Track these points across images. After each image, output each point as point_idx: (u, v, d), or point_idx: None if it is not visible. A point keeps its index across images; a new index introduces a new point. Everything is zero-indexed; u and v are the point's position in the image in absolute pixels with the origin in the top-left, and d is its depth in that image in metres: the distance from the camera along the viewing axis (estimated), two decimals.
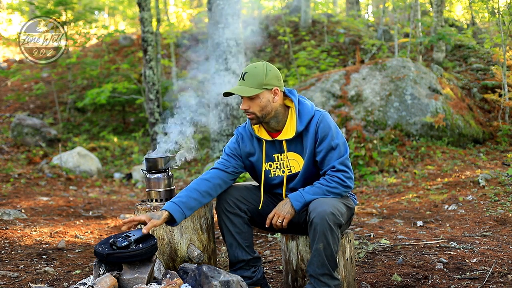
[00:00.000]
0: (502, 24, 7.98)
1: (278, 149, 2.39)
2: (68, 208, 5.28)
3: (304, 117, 2.32)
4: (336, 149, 2.29)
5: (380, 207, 5.15)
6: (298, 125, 2.31)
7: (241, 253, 2.42)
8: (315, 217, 2.16)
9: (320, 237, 2.15)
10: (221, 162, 2.45)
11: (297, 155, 2.37)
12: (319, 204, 2.18)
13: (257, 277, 2.47)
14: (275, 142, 2.38)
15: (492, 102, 8.36)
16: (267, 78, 2.27)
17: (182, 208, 2.25)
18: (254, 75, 2.27)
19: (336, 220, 2.16)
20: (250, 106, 2.29)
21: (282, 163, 2.40)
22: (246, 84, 2.27)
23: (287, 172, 2.40)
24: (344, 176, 2.28)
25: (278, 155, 2.40)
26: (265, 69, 2.28)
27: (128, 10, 18.73)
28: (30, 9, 15.31)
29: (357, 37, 12.24)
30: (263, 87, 2.26)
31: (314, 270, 2.21)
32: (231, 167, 2.44)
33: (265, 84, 2.26)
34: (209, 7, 8.09)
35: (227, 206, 2.39)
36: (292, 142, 2.36)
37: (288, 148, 2.37)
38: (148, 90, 9.15)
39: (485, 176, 5.39)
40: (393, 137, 7.13)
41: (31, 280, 2.75)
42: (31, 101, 12.06)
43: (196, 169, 8.05)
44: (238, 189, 2.44)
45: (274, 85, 2.29)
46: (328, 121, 2.31)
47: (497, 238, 3.50)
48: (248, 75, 2.27)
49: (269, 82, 2.27)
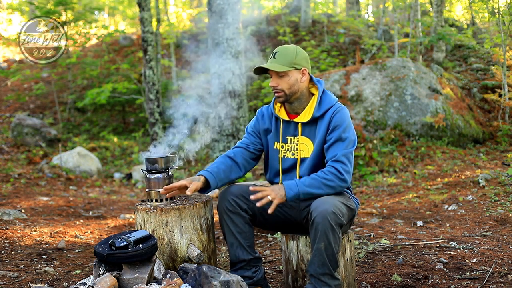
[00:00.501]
0: (502, 24, 7.98)
1: (293, 132, 2.47)
2: (68, 208, 5.28)
3: (323, 105, 2.40)
4: (344, 141, 2.34)
5: (380, 207, 5.15)
6: (316, 110, 2.39)
7: (242, 253, 2.42)
8: (316, 216, 2.16)
9: (321, 236, 2.16)
10: (243, 141, 2.58)
11: (308, 140, 2.44)
12: (320, 204, 2.19)
13: (257, 277, 2.47)
14: (291, 123, 2.47)
15: (492, 102, 8.36)
16: (297, 58, 2.36)
17: (215, 176, 2.40)
18: (285, 54, 2.36)
19: (337, 219, 2.16)
20: (278, 84, 2.38)
21: (294, 145, 2.46)
22: (277, 62, 2.36)
23: (297, 156, 2.45)
24: (343, 168, 2.30)
25: (292, 137, 2.47)
26: (296, 50, 2.39)
27: (128, 10, 18.74)
28: (30, 9, 15.31)
29: (357, 37, 12.24)
30: (292, 65, 2.35)
31: (315, 269, 2.21)
32: (252, 145, 2.56)
33: (294, 63, 2.36)
34: (209, 7, 8.09)
35: (228, 205, 2.39)
36: (307, 126, 2.44)
37: (302, 132, 2.44)
38: (148, 90, 9.15)
39: (485, 176, 5.39)
40: (393, 137, 7.13)
41: (31, 280, 2.75)
42: (31, 101, 12.06)
43: (196, 169, 8.05)
44: (239, 188, 2.45)
45: (303, 65, 2.39)
46: (344, 114, 2.38)
47: (497, 238, 3.50)
48: (279, 54, 2.37)
49: (298, 62, 2.37)
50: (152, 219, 2.41)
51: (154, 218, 2.41)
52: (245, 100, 8.42)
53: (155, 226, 2.41)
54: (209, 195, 2.66)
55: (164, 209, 2.40)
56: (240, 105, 8.18)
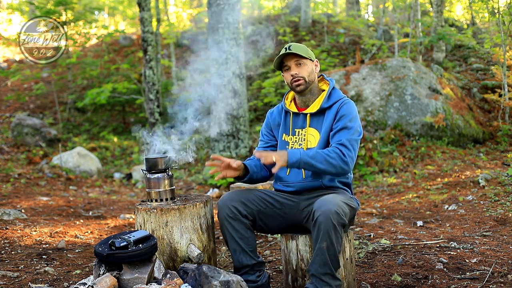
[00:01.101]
0: (502, 24, 7.98)
1: (301, 124, 2.55)
2: (68, 208, 5.28)
3: (332, 98, 2.51)
4: (349, 130, 2.40)
5: (380, 207, 5.15)
6: (325, 102, 2.50)
7: (245, 258, 2.43)
8: (320, 215, 2.16)
9: (324, 235, 2.16)
10: (260, 146, 2.70)
11: (316, 131, 2.51)
12: (324, 203, 2.19)
13: (262, 281, 2.46)
14: (300, 115, 2.56)
15: (492, 102, 8.36)
16: (309, 51, 2.54)
17: (251, 167, 2.53)
18: (300, 47, 2.51)
19: (340, 219, 2.17)
20: (299, 72, 2.49)
21: (301, 137, 2.53)
22: (295, 51, 2.46)
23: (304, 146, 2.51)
24: (346, 152, 2.36)
25: (300, 130, 2.55)
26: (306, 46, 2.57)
27: (128, 10, 18.74)
28: (30, 9, 15.31)
29: (357, 37, 12.23)
30: (309, 55, 2.51)
31: (316, 269, 2.21)
32: (268, 143, 2.67)
33: (309, 54, 2.52)
34: (209, 7, 8.09)
35: (228, 212, 2.39)
36: (315, 118, 2.52)
37: (311, 123, 2.52)
38: (148, 90, 9.15)
39: (485, 176, 5.39)
40: (393, 137, 7.13)
41: (31, 280, 2.75)
42: (31, 101, 12.06)
43: (196, 169, 8.05)
44: (238, 194, 2.46)
45: (315, 58, 2.58)
46: (351, 106, 2.47)
47: (497, 238, 3.50)
48: (294, 46, 2.49)
49: (311, 55, 2.54)
50: (152, 219, 2.42)
51: (154, 218, 2.41)
52: (245, 100, 8.42)
53: (155, 226, 2.41)
54: (208, 195, 2.66)
55: (164, 209, 2.40)
56: (240, 105, 8.18)
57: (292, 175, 2.53)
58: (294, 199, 2.49)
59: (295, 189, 2.50)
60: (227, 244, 2.46)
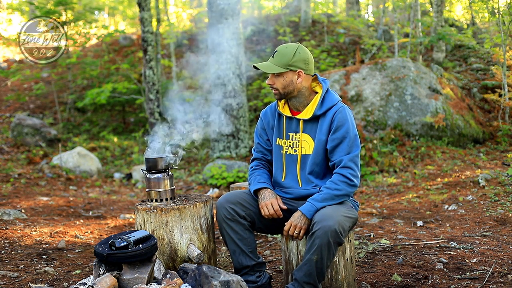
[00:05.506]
0: (502, 24, 7.97)
1: (294, 128, 2.49)
2: (68, 208, 5.28)
3: (325, 104, 2.42)
4: (347, 141, 2.36)
5: (380, 207, 5.15)
6: (318, 109, 2.41)
7: (245, 259, 2.43)
8: (318, 229, 2.17)
9: (317, 249, 2.17)
10: (256, 151, 2.65)
11: (309, 137, 2.46)
12: (325, 217, 2.19)
13: (262, 282, 2.46)
14: (293, 120, 2.49)
15: (492, 102, 8.36)
16: (293, 59, 2.37)
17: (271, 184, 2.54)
18: (283, 55, 2.38)
19: (337, 238, 2.18)
20: (274, 82, 2.43)
21: (295, 142, 2.48)
22: (273, 61, 2.39)
23: (299, 153, 2.48)
24: (351, 174, 2.33)
25: (293, 134, 2.50)
26: (295, 51, 2.38)
27: (128, 10, 18.73)
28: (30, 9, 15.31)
29: (357, 37, 12.23)
30: (287, 67, 2.37)
31: (301, 276, 2.23)
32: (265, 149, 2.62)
33: (290, 65, 2.37)
34: (209, 7, 8.09)
35: (226, 213, 2.40)
36: (308, 124, 2.46)
37: (304, 129, 2.46)
38: (148, 90, 9.14)
39: (485, 176, 5.39)
40: (393, 137, 7.13)
41: (31, 280, 2.75)
42: (31, 101, 12.06)
43: (196, 169, 8.05)
44: (235, 195, 2.46)
45: (299, 67, 2.39)
46: (347, 114, 2.39)
47: (497, 238, 3.50)
48: (278, 53, 2.40)
49: (294, 63, 2.37)
50: (152, 219, 2.41)
51: (154, 218, 2.41)
52: (245, 100, 8.42)
53: (155, 226, 2.41)
54: (209, 195, 2.66)
55: (164, 209, 2.40)
56: (240, 105, 8.18)
57: (287, 180, 2.52)
58: (293, 203, 2.49)
59: (293, 196, 2.50)
60: (226, 245, 2.47)
